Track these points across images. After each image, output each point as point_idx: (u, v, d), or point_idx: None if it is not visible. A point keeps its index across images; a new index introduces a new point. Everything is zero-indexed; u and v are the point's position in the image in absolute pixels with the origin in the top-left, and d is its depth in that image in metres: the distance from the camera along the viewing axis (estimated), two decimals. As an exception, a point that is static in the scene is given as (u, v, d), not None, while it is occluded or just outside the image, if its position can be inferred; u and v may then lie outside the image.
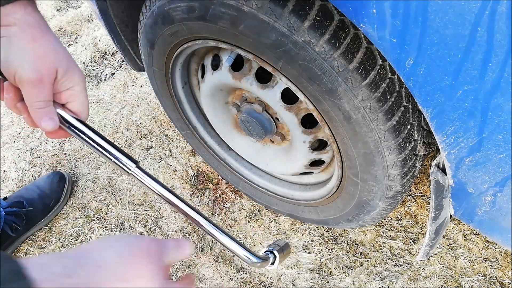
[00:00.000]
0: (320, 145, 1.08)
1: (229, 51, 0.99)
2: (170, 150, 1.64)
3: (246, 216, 1.44)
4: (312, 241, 1.35)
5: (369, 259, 1.29)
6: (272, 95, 0.96)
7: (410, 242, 1.30)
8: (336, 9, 0.74)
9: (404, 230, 1.33)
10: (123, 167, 0.59)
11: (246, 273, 1.31)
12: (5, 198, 1.44)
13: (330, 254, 1.32)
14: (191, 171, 1.56)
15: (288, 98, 0.95)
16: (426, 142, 0.91)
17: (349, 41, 0.74)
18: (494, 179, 0.67)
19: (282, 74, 0.85)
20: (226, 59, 1.00)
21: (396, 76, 0.79)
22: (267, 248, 0.71)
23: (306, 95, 0.85)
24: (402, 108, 0.81)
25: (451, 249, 1.28)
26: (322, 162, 1.09)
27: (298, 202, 1.23)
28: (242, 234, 1.40)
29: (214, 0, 0.80)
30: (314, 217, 1.23)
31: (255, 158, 1.26)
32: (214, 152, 1.38)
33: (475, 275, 1.22)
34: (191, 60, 1.14)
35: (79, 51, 2.11)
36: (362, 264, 1.29)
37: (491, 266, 1.23)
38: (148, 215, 1.47)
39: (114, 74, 1.98)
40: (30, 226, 1.44)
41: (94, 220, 1.48)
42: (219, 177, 1.53)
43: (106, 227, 1.46)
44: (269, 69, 0.87)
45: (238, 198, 1.48)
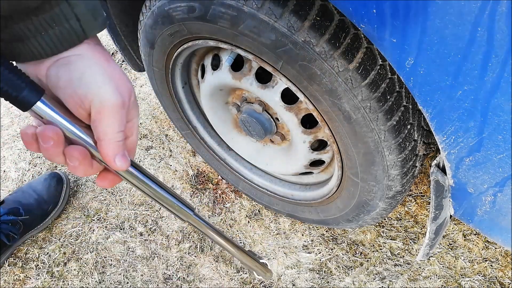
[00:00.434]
0: (320, 145, 1.08)
1: (229, 51, 0.99)
2: (170, 150, 1.64)
3: (246, 216, 1.44)
4: (312, 241, 1.35)
5: (369, 259, 1.29)
6: (272, 95, 0.96)
7: (410, 242, 1.30)
8: (336, 9, 0.74)
9: (404, 230, 1.33)
10: (180, 216, 0.56)
11: (246, 273, 1.31)
12: (2, 202, 1.39)
13: (330, 254, 1.32)
14: (191, 171, 1.56)
15: (288, 98, 0.95)
16: (426, 142, 0.91)
17: (349, 41, 0.74)
18: (494, 179, 0.67)
19: (282, 74, 0.85)
20: (226, 59, 1.00)
21: (396, 76, 0.79)
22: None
23: (306, 95, 0.85)
24: (402, 108, 0.81)
25: (451, 249, 1.28)
26: (322, 162, 1.09)
27: (298, 202, 1.23)
28: (242, 234, 1.40)
29: (214, 0, 0.80)
30: (314, 217, 1.23)
31: (255, 158, 1.26)
32: (214, 152, 1.38)
33: (475, 275, 1.22)
34: (191, 60, 1.14)
35: (79, 51, 2.11)
36: (362, 264, 1.29)
37: (491, 266, 1.23)
38: (148, 215, 1.47)
39: (114, 74, 1.98)
40: (27, 231, 1.42)
41: (94, 220, 1.48)
42: (219, 177, 1.53)
43: (106, 227, 1.46)
44: (269, 69, 0.87)
45: (238, 198, 1.48)
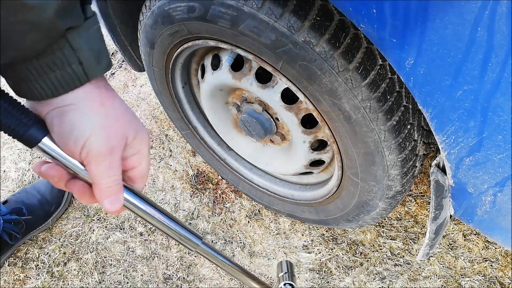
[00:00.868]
0: (320, 145, 1.08)
1: (229, 51, 0.99)
2: (170, 150, 1.64)
3: (246, 216, 1.44)
4: (312, 241, 1.35)
5: (369, 259, 1.29)
6: (272, 95, 0.96)
7: (410, 242, 1.30)
8: (336, 9, 0.74)
9: (404, 230, 1.33)
10: (188, 246, 0.56)
11: (246, 273, 1.31)
12: (5, 202, 1.40)
13: (330, 254, 1.32)
14: (191, 171, 1.56)
15: (288, 98, 0.95)
16: (426, 142, 0.91)
17: (349, 41, 0.74)
18: (494, 179, 0.67)
19: (282, 74, 0.85)
20: (226, 59, 1.00)
21: (396, 76, 0.79)
22: (283, 282, 0.73)
23: (306, 95, 0.85)
24: (402, 108, 0.81)
25: (451, 249, 1.28)
26: (322, 162, 1.09)
27: (298, 202, 1.23)
28: (242, 234, 1.40)
29: (214, 0, 0.80)
30: (314, 217, 1.23)
31: (255, 158, 1.26)
32: (214, 152, 1.38)
33: (475, 275, 1.22)
34: (191, 60, 1.14)
35: (79, 51, 2.11)
36: (362, 264, 1.29)
37: (491, 266, 1.23)
38: (148, 215, 1.47)
39: (114, 74, 1.98)
40: (29, 231, 1.42)
41: (94, 220, 1.48)
42: (219, 177, 1.53)
43: (106, 227, 1.46)
44: (269, 69, 0.87)
45: (238, 198, 1.48)
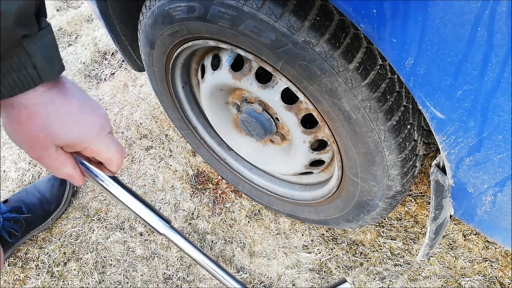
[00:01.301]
0: (320, 145, 1.08)
1: (229, 51, 0.99)
2: (170, 150, 1.64)
3: (246, 216, 1.44)
4: (312, 241, 1.35)
5: (369, 259, 1.29)
6: (272, 95, 0.96)
7: (410, 242, 1.30)
8: (336, 9, 0.74)
9: (404, 230, 1.33)
10: (155, 228, 0.56)
11: (246, 273, 1.31)
12: (5, 201, 1.41)
13: (330, 254, 1.32)
14: (191, 171, 1.56)
15: (288, 98, 0.95)
16: (426, 142, 0.91)
17: (349, 41, 0.74)
18: (494, 179, 0.67)
19: (282, 74, 0.85)
20: (226, 59, 1.00)
21: (396, 76, 0.79)
22: None
23: (306, 95, 0.85)
24: (402, 108, 0.81)
25: (451, 249, 1.28)
26: (322, 162, 1.09)
27: (298, 202, 1.23)
28: (242, 234, 1.40)
29: (214, 0, 0.80)
30: (314, 217, 1.23)
31: (255, 158, 1.26)
32: (214, 152, 1.38)
33: (475, 275, 1.22)
34: (191, 60, 1.14)
35: (79, 51, 2.11)
36: (362, 264, 1.29)
37: (491, 266, 1.23)
38: (148, 215, 1.47)
39: (114, 74, 1.98)
40: (29, 230, 1.43)
41: (94, 220, 1.48)
42: (219, 177, 1.53)
43: (106, 227, 1.46)
44: (269, 69, 0.87)
45: (238, 198, 1.48)
